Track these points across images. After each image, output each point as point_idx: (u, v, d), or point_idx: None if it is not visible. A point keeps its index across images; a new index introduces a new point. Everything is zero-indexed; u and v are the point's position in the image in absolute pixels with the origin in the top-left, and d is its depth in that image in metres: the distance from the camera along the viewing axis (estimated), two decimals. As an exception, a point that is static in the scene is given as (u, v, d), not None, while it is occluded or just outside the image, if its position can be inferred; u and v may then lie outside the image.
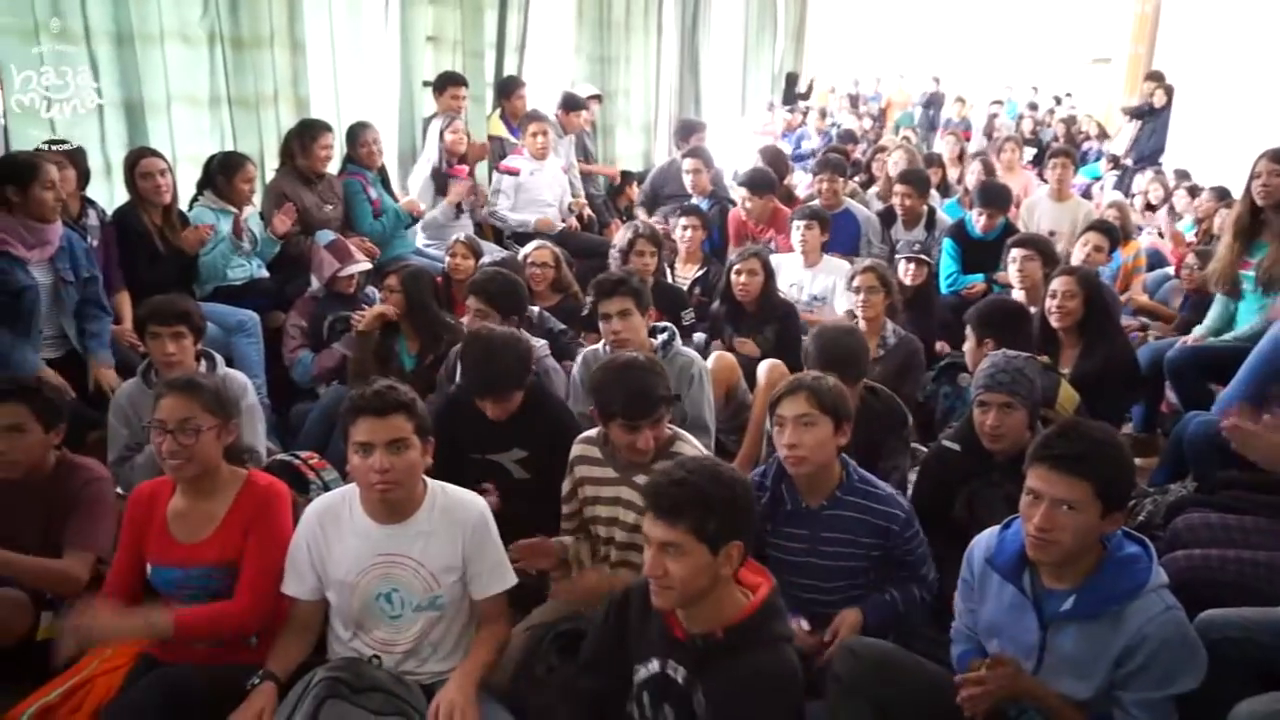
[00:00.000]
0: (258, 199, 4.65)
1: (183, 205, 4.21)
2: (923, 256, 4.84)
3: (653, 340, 3.42)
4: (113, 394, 3.30)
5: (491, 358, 2.85)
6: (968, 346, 3.64)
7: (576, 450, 2.72)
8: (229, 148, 4.56)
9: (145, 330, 3.10)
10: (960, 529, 2.57)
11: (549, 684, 2.33)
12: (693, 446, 2.62)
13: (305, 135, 4.62)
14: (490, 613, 2.35)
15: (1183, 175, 7.71)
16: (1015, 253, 4.36)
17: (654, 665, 2.02)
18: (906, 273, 4.72)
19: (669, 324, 3.61)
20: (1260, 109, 6.95)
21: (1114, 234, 4.83)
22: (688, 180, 6.05)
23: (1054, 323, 3.64)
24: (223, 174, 4.27)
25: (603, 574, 2.57)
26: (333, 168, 4.89)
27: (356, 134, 5.01)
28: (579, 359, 3.59)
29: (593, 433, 2.71)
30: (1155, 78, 10.48)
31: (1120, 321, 4.15)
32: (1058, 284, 3.69)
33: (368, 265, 4.28)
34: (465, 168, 5.48)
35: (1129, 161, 9.78)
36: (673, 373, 3.31)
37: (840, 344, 3.06)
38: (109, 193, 4.12)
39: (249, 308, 4.15)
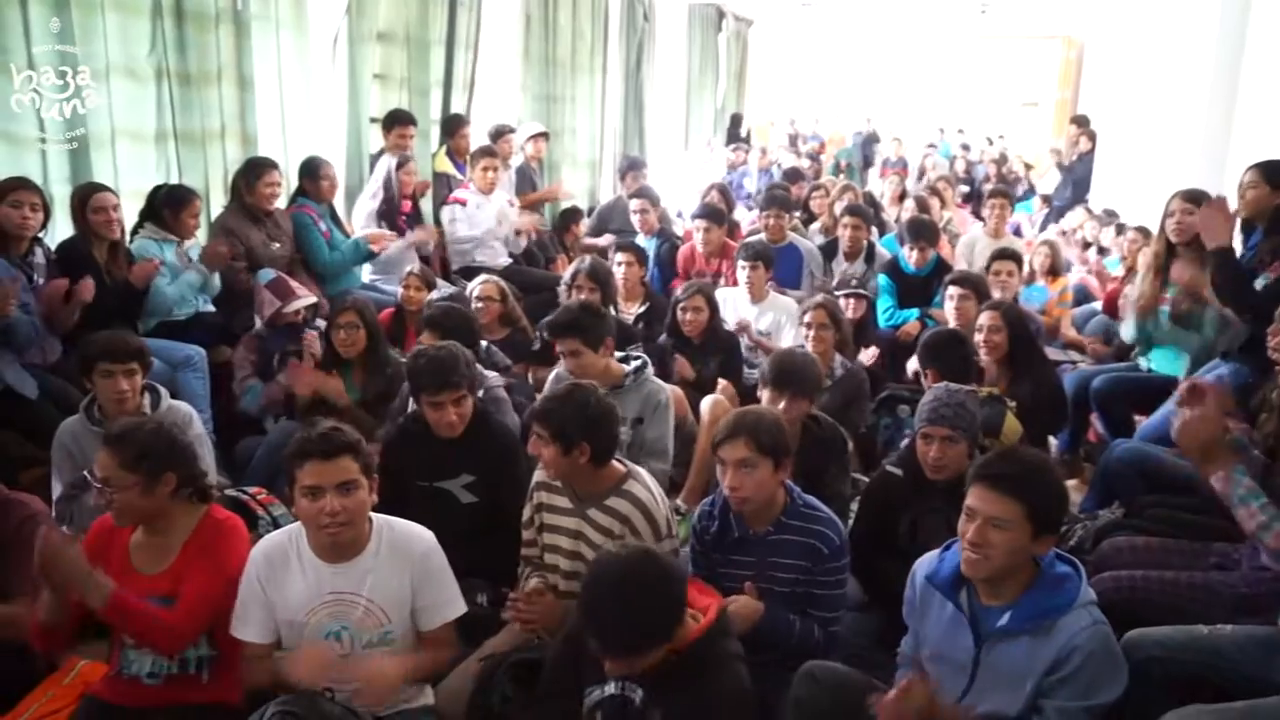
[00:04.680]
0: (202, 234, 4.63)
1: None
2: (861, 291, 5.00)
3: (623, 367, 3.51)
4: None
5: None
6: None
7: (537, 475, 2.76)
8: (174, 183, 4.52)
9: (94, 368, 3.01)
10: (903, 554, 2.66)
11: (504, 714, 2.35)
12: (643, 488, 2.63)
13: (250, 173, 4.61)
14: (438, 639, 2.35)
15: (1111, 214, 8.03)
16: (952, 290, 4.48)
17: (610, 687, 2.05)
18: (847, 307, 4.87)
19: (643, 355, 3.69)
20: (1177, 149, 7.30)
21: (1017, 258, 5.17)
22: (635, 220, 6.16)
23: (982, 356, 3.76)
24: (169, 208, 4.25)
25: (558, 602, 2.60)
26: (280, 204, 4.89)
27: (317, 168, 5.02)
28: (551, 377, 3.66)
29: None
30: (1080, 121, 10.98)
31: (1045, 353, 4.31)
32: (984, 319, 3.82)
33: (311, 300, 4.27)
34: (409, 204, 5.51)
35: (1057, 202, 10.22)
36: (639, 398, 3.47)
37: (793, 363, 3.18)
38: (51, 228, 4.06)
39: (194, 342, 4.11)
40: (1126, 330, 4.27)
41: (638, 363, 3.55)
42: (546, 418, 2.56)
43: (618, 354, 3.65)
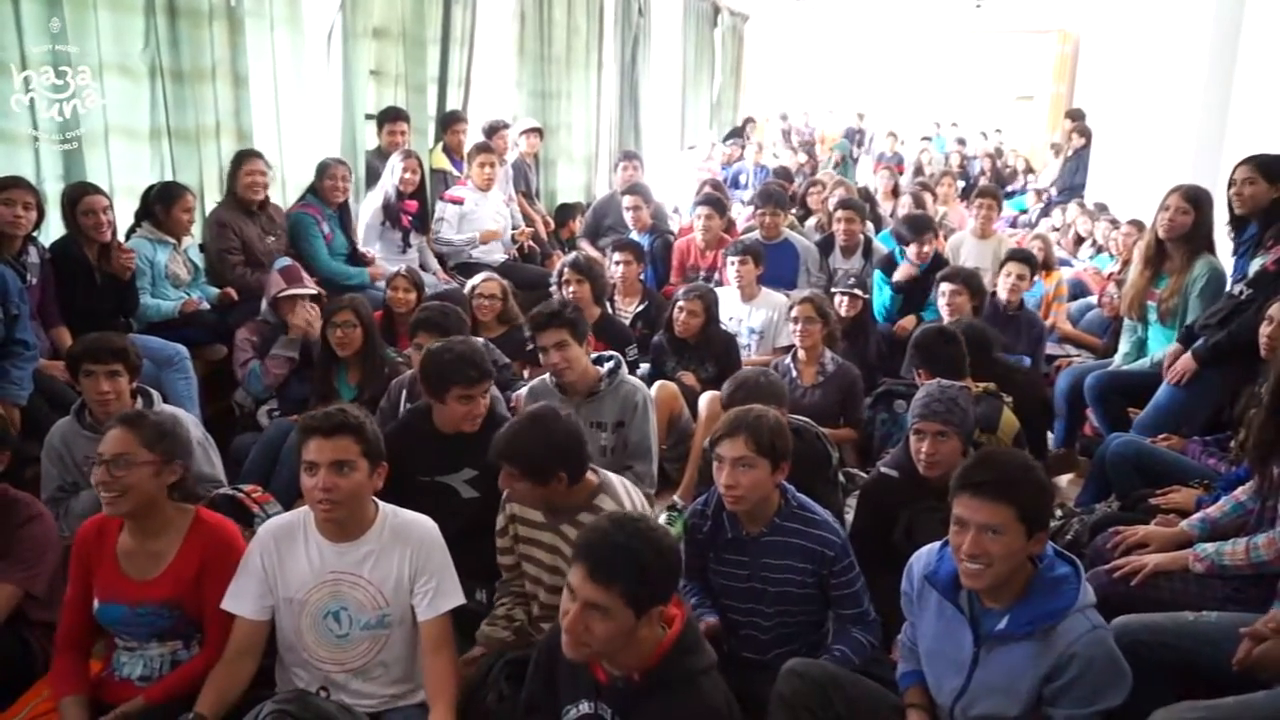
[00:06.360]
0: (197, 230, 4.62)
1: (120, 237, 4.13)
2: (857, 291, 4.99)
3: (599, 369, 3.46)
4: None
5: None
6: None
7: None
8: (169, 180, 4.50)
9: (79, 368, 3.00)
10: (900, 554, 2.65)
11: (499, 713, 2.34)
12: (613, 501, 2.59)
13: (234, 163, 4.60)
14: (435, 639, 2.31)
15: (1101, 208, 8.03)
16: (944, 286, 4.49)
17: (584, 706, 2.03)
18: (841, 304, 4.87)
19: (616, 353, 3.64)
20: (1172, 143, 7.31)
21: (1032, 261, 5.04)
22: (628, 216, 6.16)
23: None
24: (161, 204, 4.24)
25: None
26: (275, 198, 4.88)
27: (324, 169, 5.01)
28: (526, 390, 3.62)
29: None
30: (1075, 115, 10.98)
31: (1009, 364, 4.22)
32: None
33: (314, 290, 4.28)
34: (415, 203, 5.50)
35: (1052, 193, 10.23)
36: (617, 401, 3.40)
37: (754, 385, 3.12)
38: (45, 226, 4.04)
39: (190, 339, 4.12)
40: (1123, 344, 4.26)
41: (611, 364, 3.48)
42: (514, 457, 2.50)
43: (612, 352, 3.63)
